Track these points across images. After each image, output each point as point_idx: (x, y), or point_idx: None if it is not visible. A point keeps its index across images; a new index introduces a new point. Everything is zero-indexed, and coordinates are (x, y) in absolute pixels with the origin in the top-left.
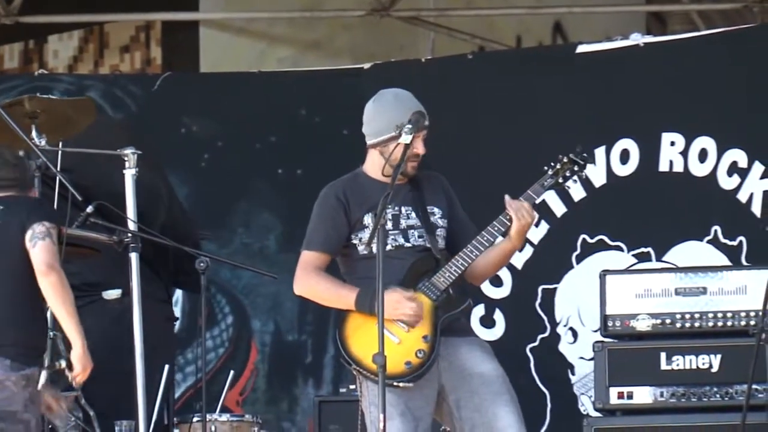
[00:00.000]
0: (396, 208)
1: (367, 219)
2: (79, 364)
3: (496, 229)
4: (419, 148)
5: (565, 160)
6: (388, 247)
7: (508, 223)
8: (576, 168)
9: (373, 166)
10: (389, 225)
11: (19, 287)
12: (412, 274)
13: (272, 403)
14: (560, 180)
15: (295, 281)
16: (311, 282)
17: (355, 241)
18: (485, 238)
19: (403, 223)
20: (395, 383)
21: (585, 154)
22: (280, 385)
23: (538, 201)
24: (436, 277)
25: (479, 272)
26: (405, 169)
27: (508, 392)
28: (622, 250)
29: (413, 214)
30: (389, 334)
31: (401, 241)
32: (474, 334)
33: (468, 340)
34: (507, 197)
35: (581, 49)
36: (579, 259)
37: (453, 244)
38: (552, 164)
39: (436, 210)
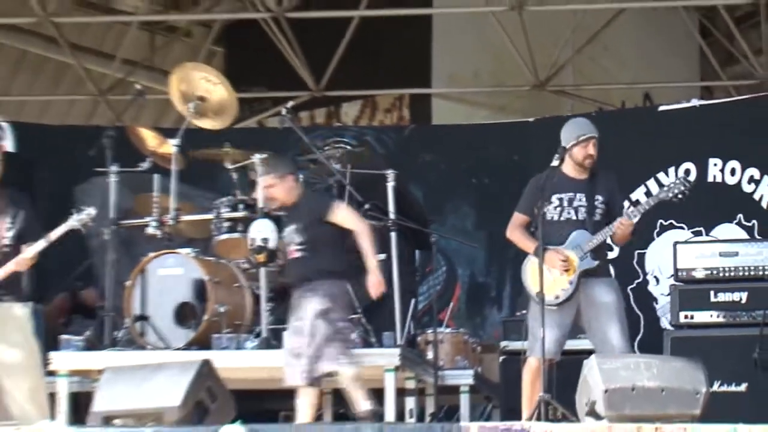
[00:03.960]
0: (572, 194)
1: (553, 197)
2: None
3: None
4: (591, 151)
5: (676, 181)
6: (563, 218)
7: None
8: (683, 188)
9: (564, 164)
10: (566, 203)
11: None
12: (571, 239)
13: (470, 320)
14: (669, 195)
15: (507, 230)
16: (511, 232)
17: (544, 210)
18: (611, 227)
19: (576, 203)
20: (547, 306)
21: (691, 180)
22: (475, 309)
23: (646, 209)
24: (584, 243)
25: (616, 242)
26: (583, 165)
27: (619, 316)
28: (683, 228)
29: (584, 199)
30: (548, 273)
31: (572, 213)
32: (609, 275)
33: (603, 281)
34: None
35: (662, 108)
36: (658, 234)
37: (608, 221)
38: (666, 185)
39: (600, 197)
